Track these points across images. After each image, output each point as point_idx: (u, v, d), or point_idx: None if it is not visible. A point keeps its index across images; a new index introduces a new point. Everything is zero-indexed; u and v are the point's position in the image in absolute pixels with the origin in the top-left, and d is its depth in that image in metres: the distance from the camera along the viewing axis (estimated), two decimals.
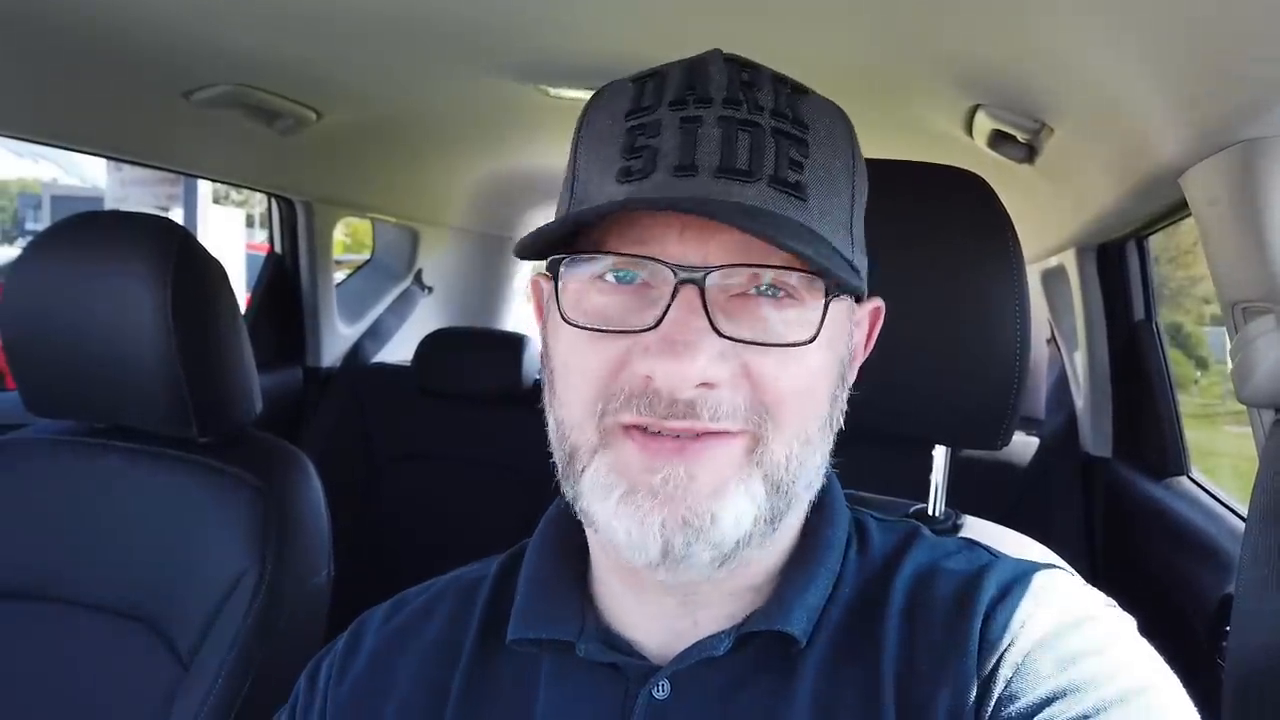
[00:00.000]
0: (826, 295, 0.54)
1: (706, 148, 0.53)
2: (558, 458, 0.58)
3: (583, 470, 0.55)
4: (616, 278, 0.55)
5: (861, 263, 0.59)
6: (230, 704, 1.14)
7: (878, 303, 0.65)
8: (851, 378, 0.63)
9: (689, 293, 0.52)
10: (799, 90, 0.57)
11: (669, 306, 0.52)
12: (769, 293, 0.54)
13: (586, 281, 0.55)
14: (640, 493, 0.53)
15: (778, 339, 0.53)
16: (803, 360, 0.54)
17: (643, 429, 0.53)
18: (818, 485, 0.59)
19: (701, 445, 0.53)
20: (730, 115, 0.54)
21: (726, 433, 0.53)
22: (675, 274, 0.52)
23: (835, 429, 0.59)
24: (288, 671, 0.71)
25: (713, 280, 0.52)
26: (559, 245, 0.56)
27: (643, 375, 0.52)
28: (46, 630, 1.22)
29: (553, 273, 0.56)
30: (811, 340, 0.53)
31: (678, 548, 0.52)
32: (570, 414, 0.55)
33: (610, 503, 0.53)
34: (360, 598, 0.72)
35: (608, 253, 0.54)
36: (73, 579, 1.23)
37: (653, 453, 0.52)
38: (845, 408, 0.60)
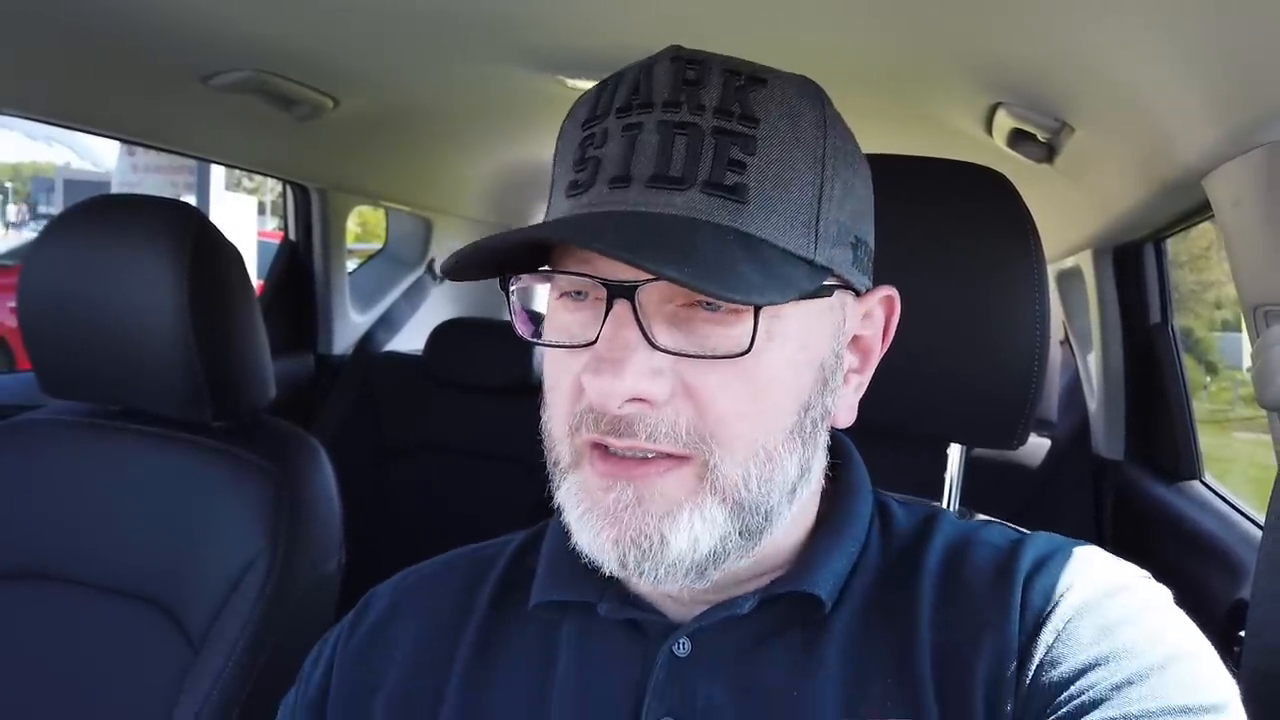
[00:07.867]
0: (757, 307, 0.51)
1: (643, 156, 0.52)
2: (548, 462, 0.59)
3: (559, 485, 0.57)
4: (574, 295, 0.55)
5: (839, 255, 0.56)
6: (240, 687, 1.15)
7: (887, 291, 0.62)
8: (868, 372, 0.62)
9: (621, 307, 0.51)
10: (756, 79, 0.54)
11: (604, 322, 0.52)
12: (708, 306, 0.52)
13: (555, 300, 0.57)
14: (595, 512, 0.54)
15: (711, 351, 0.52)
16: (750, 376, 0.52)
17: (604, 449, 0.54)
18: (808, 488, 0.59)
19: (649, 469, 0.53)
20: (668, 119, 0.53)
21: (675, 456, 0.53)
22: (607, 289, 0.52)
23: (819, 429, 0.58)
24: (297, 656, 0.71)
25: (649, 292, 0.51)
26: (516, 265, 0.57)
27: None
28: (58, 611, 1.22)
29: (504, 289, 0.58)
30: (744, 353, 0.51)
31: (631, 565, 0.53)
32: (554, 429, 0.57)
33: (574, 517, 0.56)
34: (368, 585, 0.72)
35: (558, 271, 0.55)
36: (84, 561, 1.23)
37: (606, 474, 0.53)
38: (833, 410, 0.59)
